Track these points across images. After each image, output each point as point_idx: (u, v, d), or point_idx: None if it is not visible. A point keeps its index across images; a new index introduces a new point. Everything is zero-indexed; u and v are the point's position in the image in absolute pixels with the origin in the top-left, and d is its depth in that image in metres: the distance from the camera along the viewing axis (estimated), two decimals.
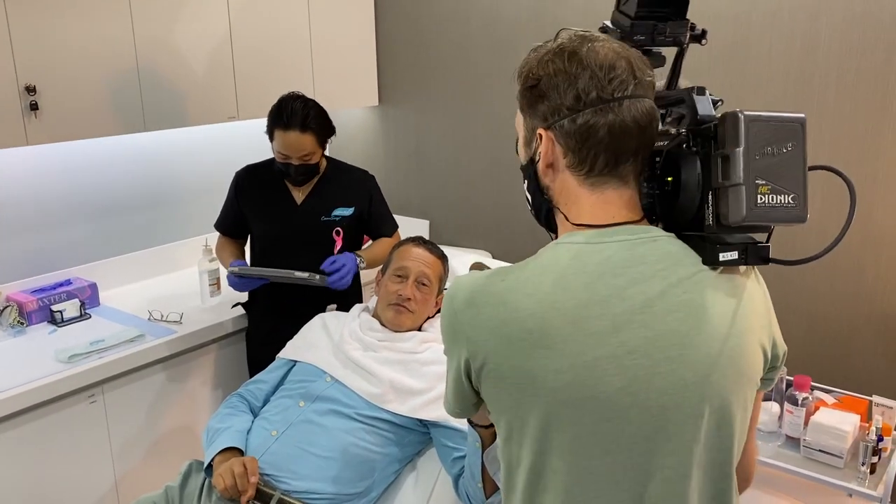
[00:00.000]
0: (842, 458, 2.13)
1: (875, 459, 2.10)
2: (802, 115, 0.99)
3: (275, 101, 3.11)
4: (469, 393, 1.09)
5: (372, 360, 1.94)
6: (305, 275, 2.36)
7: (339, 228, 2.55)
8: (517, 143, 1.20)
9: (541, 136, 1.05)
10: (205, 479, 1.85)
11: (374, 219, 2.66)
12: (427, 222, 3.57)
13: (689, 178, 1.03)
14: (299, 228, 2.54)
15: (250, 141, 3.45)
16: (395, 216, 3.63)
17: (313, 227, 2.53)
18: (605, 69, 1.02)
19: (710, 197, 1.01)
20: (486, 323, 1.00)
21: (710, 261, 1.02)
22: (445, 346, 1.10)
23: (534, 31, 3.05)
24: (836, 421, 2.17)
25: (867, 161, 2.41)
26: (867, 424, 2.19)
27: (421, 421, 1.90)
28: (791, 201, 0.98)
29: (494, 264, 2.39)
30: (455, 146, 3.41)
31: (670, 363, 0.98)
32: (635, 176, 1.06)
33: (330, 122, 2.48)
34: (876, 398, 2.26)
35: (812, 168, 1.00)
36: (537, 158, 1.07)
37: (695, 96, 1.07)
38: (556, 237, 1.09)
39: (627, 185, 1.05)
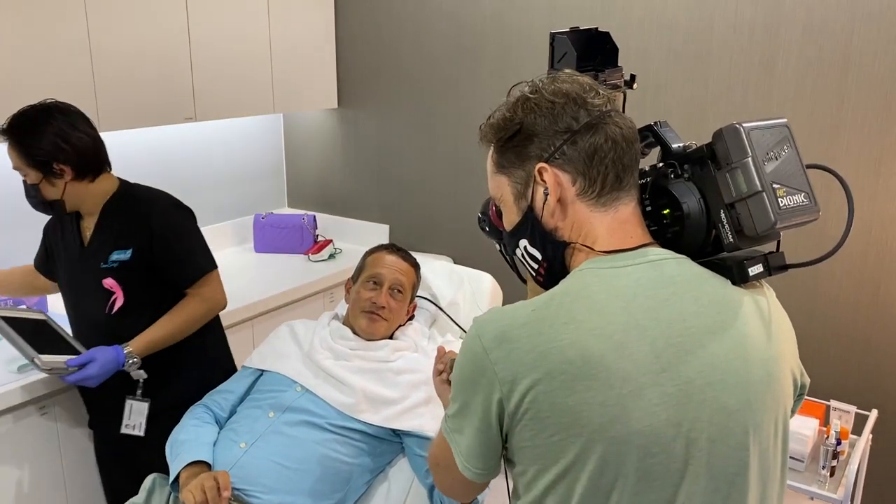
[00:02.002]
0: (803, 462, 2.18)
1: (834, 463, 2.16)
2: (784, 119, 1.03)
3: (234, 101, 3.06)
4: (499, 444, 1.00)
5: (344, 369, 1.90)
6: (27, 353, 1.91)
7: (111, 279, 2.02)
8: (490, 216, 1.19)
9: (542, 173, 1.02)
10: (170, 493, 1.79)
11: (161, 263, 2.05)
12: (387, 227, 3.54)
13: (690, 205, 1.02)
14: (81, 276, 2.09)
15: (212, 142, 3.37)
16: (354, 220, 3.64)
17: (94, 275, 2.04)
18: (580, 92, 1.03)
19: (723, 215, 1.01)
20: (522, 357, 0.93)
21: (742, 278, 1.01)
22: (462, 396, 1.02)
23: (497, 36, 3.05)
24: (796, 425, 2.22)
25: (824, 171, 2.48)
26: (825, 428, 2.25)
27: (394, 431, 1.87)
28: (804, 199, 1.01)
29: (457, 270, 2.39)
30: (416, 150, 3.39)
31: (713, 389, 0.95)
32: (637, 188, 1.05)
33: (45, 141, 1.92)
34: (834, 403, 2.32)
35: (809, 167, 1.04)
36: (543, 202, 1.02)
37: (660, 129, 1.10)
38: None
39: (633, 199, 1.04)
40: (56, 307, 2.71)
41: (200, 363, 2.20)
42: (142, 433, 2.06)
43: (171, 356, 2.09)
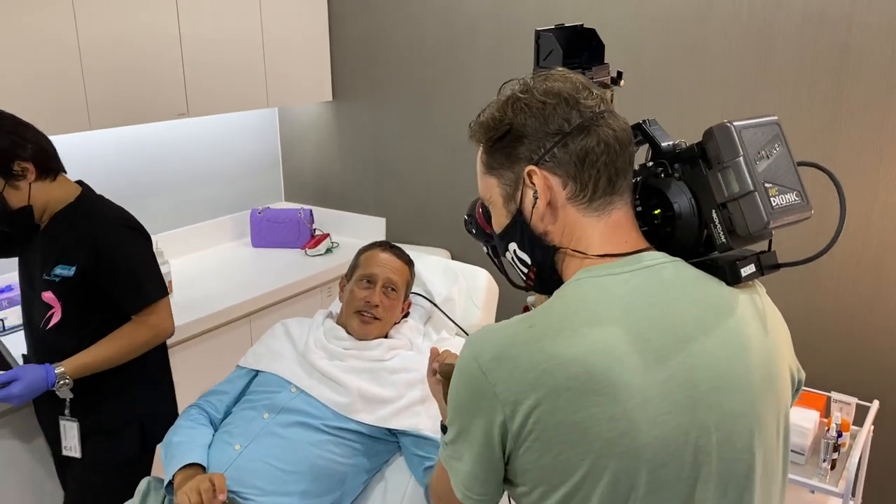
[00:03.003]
0: (803, 455, 2.17)
1: (835, 455, 2.14)
2: (775, 117, 1.01)
3: (227, 96, 3.03)
4: (501, 467, 0.96)
5: (338, 369, 1.89)
6: None
7: (51, 293, 1.92)
8: (476, 218, 1.18)
9: (531, 175, 0.99)
10: (164, 497, 1.78)
11: (107, 287, 1.94)
12: (384, 220, 3.52)
13: (682, 205, 1.01)
14: (28, 281, 2.00)
15: (207, 137, 3.35)
16: (351, 214, 3.61)
17: (36, 284, 1.96)
18: (573, 91, 1.00)
19: (714, 215, 0.99)
20: (524, 376, 0.90)
21: (734, 279, 0.99)
22: (461, 421, 0.98)
23: (492, 25, 3.01)
24: (797, 418, 2.20)
25: (822, 160, 2.45)
26: (826, 421, 2.24)
27: (390, 430, 1.85)
28: (796, 198, 0.99)
29: (452, 265, 2.37)
30: (412, 142, 3.36)
31: (718, 394, 0.93)
32: (630, 192, 1.03)
33: (1, 140, 1.80)
34: (834, 395, 2.30)
35: (800, 164, 1.02)
36: (532, 205, 1.00)
37: (649, 128, 1.08)
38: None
39: (626, 202, 1.02)
40: None
41: (139, 386, 2.08)
42: (78, 455, 2.00)
43: (107, 378, 1.98)
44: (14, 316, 2.49)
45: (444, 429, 1.49)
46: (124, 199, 3.03)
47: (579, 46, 1.34)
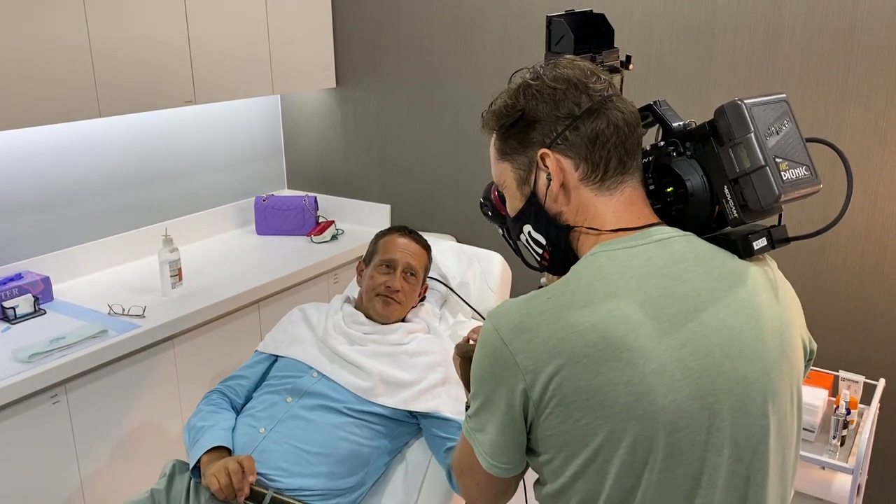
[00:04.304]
0: (813, 433, 2.20)
1: (844, 432, 2.18)
2: (784, 94, 1.05)
3: (233, 83, 3.03)
4: (523, 435, 1.00)
5: (359, 353, 1.91)
6: None
7: None
8: (492, 201, 1.21)
9: (544, 158, 1.03)
10: (190, 479, 1.79)
11: None
12: (388, 207, 3.52)
13: (694, 182, 1.04)
14: None
15: (208, 125, 3.34)
16: (355, 200, 3.62)
17: None
18: (582, 77, 1.04)
19: (726, 190, 1.02)
20: (542, 346, 0.94)
21: (747, 252, 1.03)
22: (484, 392, 1.01)
23: (499, 10, 3.02)
24: (806, 396, 2.23)
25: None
26: (834, 399, 2.27)
27: (411, 413, 1.88)
28: (806, 172, 1.02)
29: (466, 249, 2.39)
30: (416, 128, 3.37)
31: (731, 361, 0.96)
32: (641, 171, 1.07)
33: None
34: (842, 373, 2.34)
35: (808, 140, 1.05)
36: (546, 187, 1.04)
37: (659, 108, 1.11)
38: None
39: (638, 181, 1.06)
40: (62, 295, 2.71)
41: None
42: None
43: None
44: (26, 304, 2.49)
45: (468, 409, 1.52)
46: (132, 187, 3.04)
47: (589, 31, 1.37)
